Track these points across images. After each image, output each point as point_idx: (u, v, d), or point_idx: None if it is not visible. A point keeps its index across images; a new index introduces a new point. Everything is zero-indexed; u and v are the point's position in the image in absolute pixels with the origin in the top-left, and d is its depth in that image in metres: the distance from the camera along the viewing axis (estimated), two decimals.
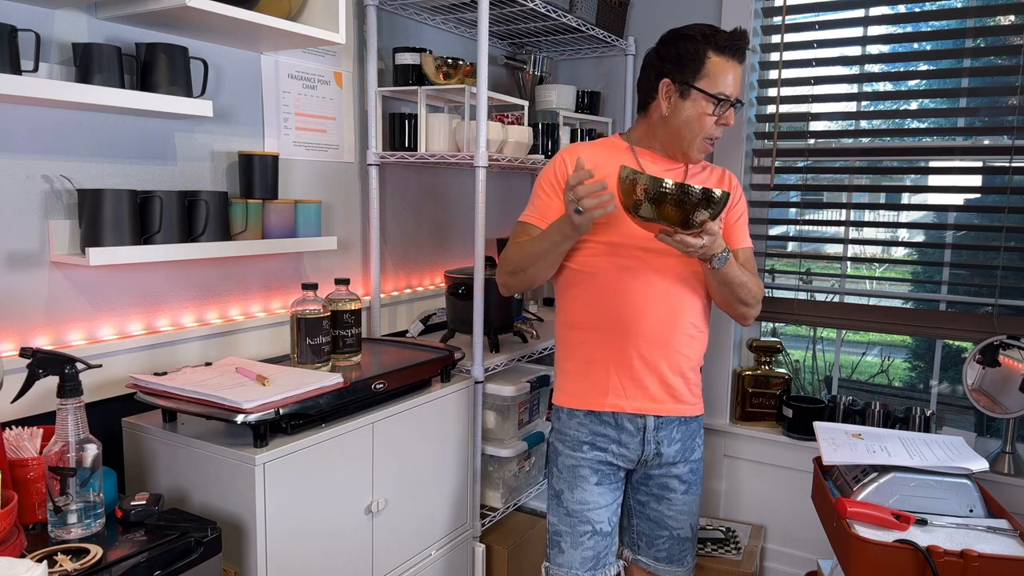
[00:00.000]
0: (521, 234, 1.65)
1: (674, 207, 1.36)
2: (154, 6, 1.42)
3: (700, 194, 1.35)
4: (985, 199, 2.36)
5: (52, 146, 1.48)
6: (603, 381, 1.63)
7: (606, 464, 1.66)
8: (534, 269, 1.59)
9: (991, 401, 2.16)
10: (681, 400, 1.66)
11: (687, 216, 1.37)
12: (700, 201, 1.36)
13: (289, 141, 1.96)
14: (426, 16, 2.32)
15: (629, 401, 1.63)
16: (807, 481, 2.52)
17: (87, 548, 1.19)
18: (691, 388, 1.69)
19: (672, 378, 1.64)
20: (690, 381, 1.68)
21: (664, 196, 1.35)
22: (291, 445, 1.46)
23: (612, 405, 1.63)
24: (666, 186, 1.35)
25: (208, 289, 1.80)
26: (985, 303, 2.31)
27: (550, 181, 1.65)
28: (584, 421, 1.66)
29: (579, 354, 1.66)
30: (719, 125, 1.58)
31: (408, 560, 1.83)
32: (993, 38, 2.32)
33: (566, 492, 1.67)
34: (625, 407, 1.63)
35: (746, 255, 1.70)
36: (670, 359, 1.63)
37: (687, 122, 1.57)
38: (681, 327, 1.63)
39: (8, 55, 1.28)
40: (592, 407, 1.64)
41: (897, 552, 1.46)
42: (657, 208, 1.37)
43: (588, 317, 1.64)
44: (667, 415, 1.65)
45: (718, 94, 1.54)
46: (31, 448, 1.30)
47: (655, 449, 1.65)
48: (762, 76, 2.61)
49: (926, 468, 1.63)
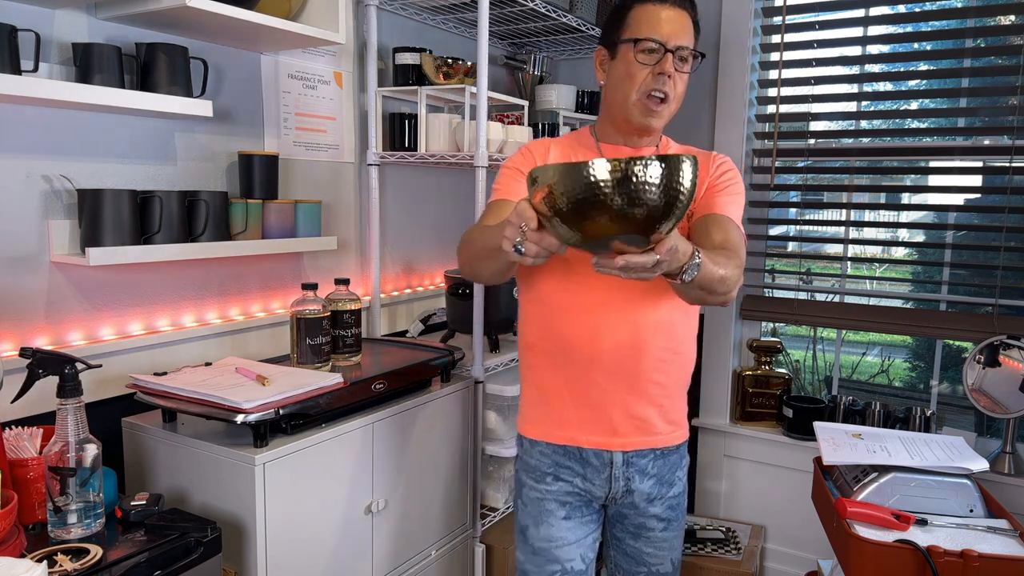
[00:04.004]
0: (487, 214, 1.40)
1: (601, 214, 0.87)
2: (154, 6, 1.42)
3: (636, 172, 0.85)
4: (985, 199, 2.36)
5: (52, 146, 1.48)
6: (558, 411, 1.43)
7: (574, 495, 1.45)
8: (481, 267, 1.28)
9: (991, 401, 2.16)
10: (652, 431, 1.43)
11: (629, 226, 0.89)
12: (637, 192, 0.86)
13: (289, 141, 1.96)
14: (426, 16, 2.32)
15: (587, 435, 1.41)
16: (807, 481, 2.52)
17: (87, 548, 1.19)
18: (669, 416, 1.44)
19: (641, 409, 1.40)
20: (666, 409, 1.43)
21: (584, 202, 0.87)
22: (291, 445, 1.46)
23: (569, 439, 1.42)
24: (589, 175, 0.86)
25: (208, 289, 1.80)
26: (985, 303, 2.31)
27: (516, 168, 1.43)
28: (546, 451, 1.46)
29: (534, 379, 1.46)
30: (657, 76, 1.31)
31: (408, 560, 1.83)
32: (993, 38, 2.32)
33: (531, 528, 1.48)
34: (582, 442, 1.41)
35: (724, 228, 1.32)
36: (637, 390, 1.39)
37: (619, 81, 1.34)
38: (649, 352, 1.37)
39: (8, 55, 1.28)
40: (551, 439, 1.45)
41: (897, 552, 1.46)
42: (578, 221, 0.89)
43: (540, 340, 1.43)
44: (636, 448, 1.42)
45: (643, 38, 1.30)
46: (31, 448, 1.30)
47: (625, 486, 1.44)
48: (762, 76, 2.61)
49: (926, 468, 1.63)
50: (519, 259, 0.98)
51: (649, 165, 0.87)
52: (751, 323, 2.71)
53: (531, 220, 0.94)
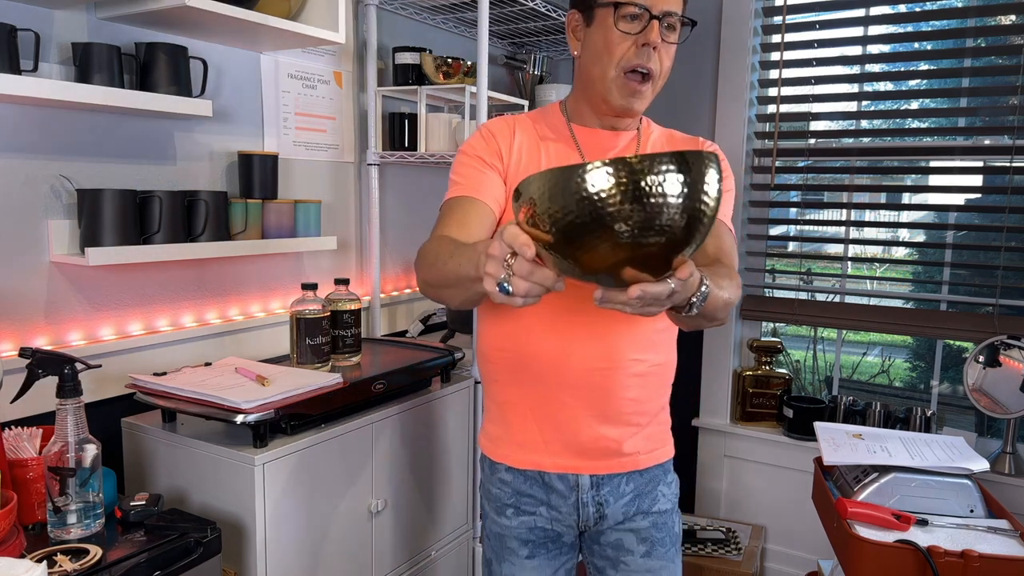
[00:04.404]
0: (448, 216, 1.15)
1: (602, 242, 0.68)
2: (154, 6, 1.41)
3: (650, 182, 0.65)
4: (986, 199, 2.36)
5: (51, 146, 1.48)
6: (520, 432, 1.25)
7: (538, 531, 1.28)
8: (448, 295, 1.04)
9: (991, 401, 2.16)
10: (627, 454, 1.24)
11: (640, 255, 0.69)
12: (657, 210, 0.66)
13: (289, 141, 1.96)
14: (426, 15, 2.32)
15: (552, 458, 1.23)
16: (808, 481, 2.52)
17: (87, 548, 1.18)
18: (647, 435, 1.26)
19: (612, 430, 1.22)
20: (644, 427, 1.25)
21: (577, 227, 0.67)
22: (291, 445, 1.46)
23: (532, 463, 1.25)
24: (581, 189, 0.66)
25: (207, 289, 1.80)
26: (986, 303, 2.31)
27: (477, 155, 1.20)
28: (506, 478, 1.28)
29: (493, 394, 1.29)
30: (641, 47, 1.10)
31: (408, 560, 1.83)
32: (994, 38, 2.32)
33: (494, 564, 1.33)
34: (546, 465, 1.24)
35: (717, 235, 1.17)
36: (608, 408, 1.20)
37: (596, 53, 1.14)
38: (622, 366, 1.19)
39: (7, 55, 1.28)
40: (512, 463, 1.27)
41: (898, 552, 1.46)
42: (571, 251, 0.70)
43: (497, 351, 1.25)
44: (609, 473, 1.24)
45: (625, 1, 1.10)
46: (30, 448, 1.30)
47: (596, 512, 1.26)
48: (763, 76, 2.61)
49: (927, 468, 1.63)
50: (506, 300, 0.77)
51: (666, 174, 0.65)
52: (751, 323, 2.71)
53: (526, 248, 0.72)
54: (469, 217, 1.14)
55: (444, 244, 1.05)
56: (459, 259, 0.95)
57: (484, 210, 1.16)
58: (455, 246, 1.00)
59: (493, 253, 0.77)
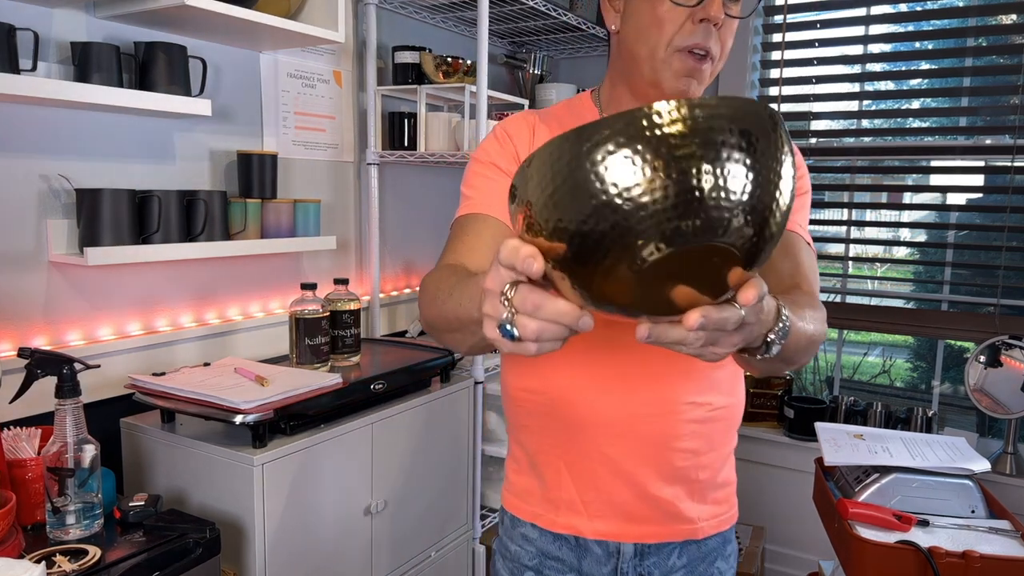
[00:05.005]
0: (457, 239, 0.96)
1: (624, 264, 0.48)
2: (153, 5, 1.41)
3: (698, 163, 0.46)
4: (987, 198, 2.36)
5: (50, 145, 1.47)
6: (553, 489, 1.03)
7: None
8: (453, 341, 0.85)
9: (993, 401, 2.15)
10: (683, 518, 1.01)
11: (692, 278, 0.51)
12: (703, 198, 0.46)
13: (288, 140, 1.96)
14: (426, 15, 2.31)
15: (591, 522, 1.01)
16: (808, 482, 2.52)
17: (85, 549, 1.18)
18: (707, 495, 1.03)
19: (666, 490, 0.99)
20: (704, 485, 1.02)
21: (598, 239, 0.48)
22: (290, 446, 1.46)
23: (567, 526, 1.02)
24: (597, 184, 0.47)
25: (207, 289, 1.80)
26: (987, 303, 2.30)
27: (491, 162, 1.00)
28: (530, 535, 1.06)
29: (522, 441, 1.06)
30: (699, 23, 0.87)
31: (407, 561, 1.83)
32: (995, 37, 2.32)
33: None
34: (584, 531, 1.01)
35: (794, 252, 0.95)
36: (661, 462, 0.98)
37: (642, 27, 0.90)
38: (678, 411, 0.97)
39: (6, 54, 1.28)
40: (541, 523, 1.04)
41: (899, 553, 1.45)
42: (591, 277, 0.51)
43: (525, 393, 1.03)
44: (658, 541, 1.02)
45: None
46: (29, 448, 1.29)
47: None
48: (763, 75, 2.61)
49: (928, 469, 1.63)
50: (515, 349, 0.56)
51: (726, 161, 0.46)
52: None
53: (531, 262, 0.52)
54: (482, 239, 0.94)
55: (446, 276, 0.84)
56: (460, 296, 0.75)
57: (501, 230, 0.95)
58: (458, 279, 0.80)
59: (489, 286, 0.57)
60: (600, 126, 0.47)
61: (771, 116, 0.50)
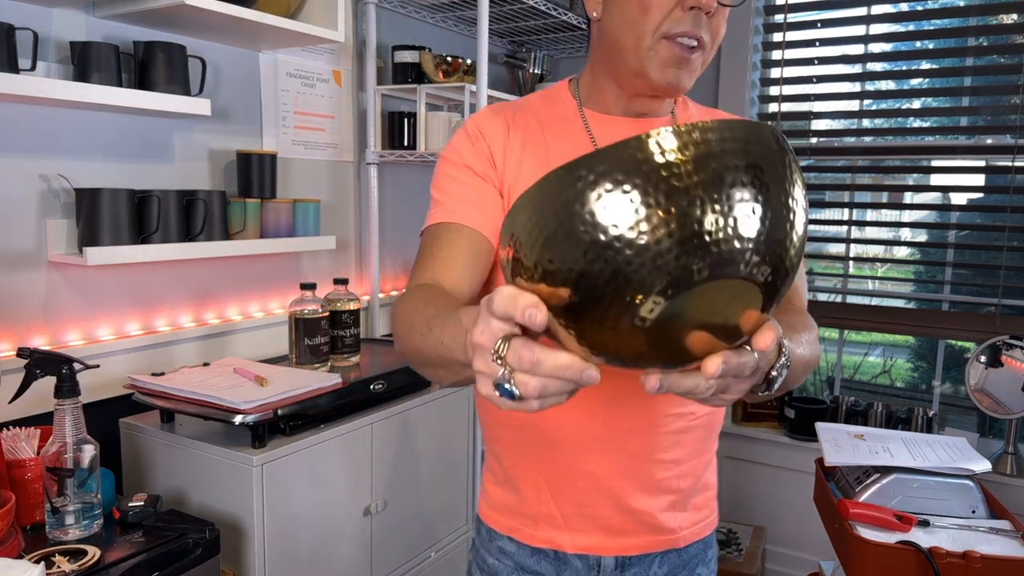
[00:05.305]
0: (429, 253, 0.90)
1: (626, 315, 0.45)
2: (152, 4, 1.41)
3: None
4: (988, 198, 2.36)
5: (49, 145, 1.47)
6: (531, 502, 0.99)
7: None
8: (436, 375, 0.75)
9: (993, 402, 2.15)
10: (664, 528, 0.99)
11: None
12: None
13: (288, 140, 1.96)
14: (425, 14, 2.31)
15: (571, 536, 0.98)
16: (809, 482, 2.51)
17: (85, 549, 1.18)
18: (689, 502, 1.01)
19: (647, 501, 0.97)
20: (686, 492, 1.00)
21: (594, 291, 0.45)
22: (290, 446, 1.45)
23: (546, 540, 0.99)
24: (592, 231, 0.43)
25: (206, 289, 1.79)
26: (988, 303, 2.30)
27: (464, 163, 0.93)
28: (508, 549, 1.02)
29: (498, 453, 1.02)
30: (689, 10, 0.82)
31: (407, 562, 1.82)
32: (995, 37, 2.31)
33: None
34: (565, 545, 0.99)
35: None
36: (641, 475, 0.96)
37: (627, 14, 0.84)
38: (659, 424, 0.94)
39: (6, 54, 1.28)
40: (520, 537, 1.01)
41: (899, 553, 1.45)
42: (589, 328, 0.48)
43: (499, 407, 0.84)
44: (640, 553, 0.99)
45: None
46: (29, 449, 1.29)
47: None
48: (764, 75, 2.60)
49: (928, 469, 1.62)
50: (517, 407, 0.51)
51: (736, 200, 0.43)
52: None
53: (534, 313, 0.47)
54: (457, 252, 0.88)
55: (422, 306, 0.76)
56: (441, 333, 0.68)
57: (477, 241, 0.89)
58: (435, 311, 0.73)
59: (479, 340, 0.51)
60: (594, 161, 0.43)
61: (777, 140, 0.46)
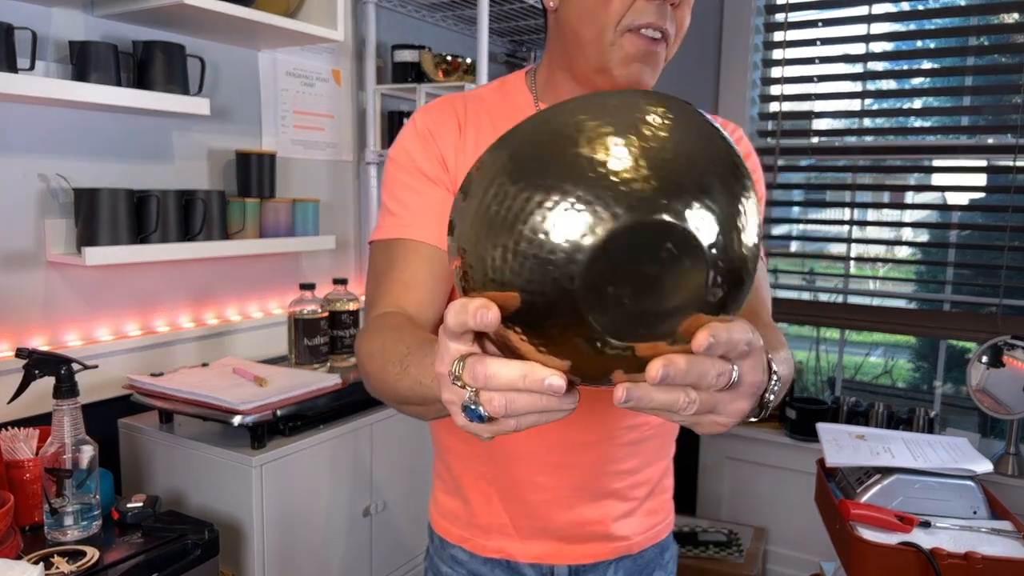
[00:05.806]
0: (386, 275, 0.85)
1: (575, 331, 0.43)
2: (151, 3, 1.41)
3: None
4: (989, 198, 2.35)
5: (48, 145, 1.47)
6: (482, 515, 0.97)
7: None
8: (416, 411, 0.71)
9: (995, 402, 2.15)
10: (616, 537, 0.97)
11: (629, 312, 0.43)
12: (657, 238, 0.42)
13: (287, 139, 1.95)
14: (425, 13, 2.31)
15: (524, 545, 0.96)
16: (810, 483, 2.51)
17: (84, 550, 1.18)
18: (645, 510, 0.99)
19: (597, 510, 0.95)
20: (641, 500, 0.98)
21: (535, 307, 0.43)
22: (289, 446, 1.45)
23: (497, 550, 0.97)
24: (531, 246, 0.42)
25: (205, 289, 1.79)
26: (989, 303, 2.30)
27: (417, 167, 0.86)
28: (460, 557, 0.99)
29: (448, 462, 0.99)
30: (651, 1, 0.76)
31: (407, 563, 1.82)
32: (997, 36, 2.31)
33: None
34: (517, 554, 0.96)
35: (755, 279, 0.64)
36: (597, 486, 0.94)
37: (586, 7, 0.78)
38: (614, 436, 0.91)
39: (4, 53, 1.28)
40: (471, 548, 0.98)
41: (900, 554, 1.45)
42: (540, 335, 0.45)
43: None
44: (593, 561, 0.97)
45: None
46: (27, 449, 1.29)
47: None
48: (765, 74, 2.60)
49: (930, 470, 1.62)
50: (495, 430, 0.48)
51: (671, 226, 0.41)
52: None
53: (485, 313, 0.43)
54: (417, 273, 0.82)
55: (391, 344, 0.71)
56: (418, 375, 0.63)
57: (437, 260, 0.83)
58: (406, 349, 0.67)
59: (441, 370, 0.48)
60: (544, 171, 0.42)
61: (730, 152, 0.45)
